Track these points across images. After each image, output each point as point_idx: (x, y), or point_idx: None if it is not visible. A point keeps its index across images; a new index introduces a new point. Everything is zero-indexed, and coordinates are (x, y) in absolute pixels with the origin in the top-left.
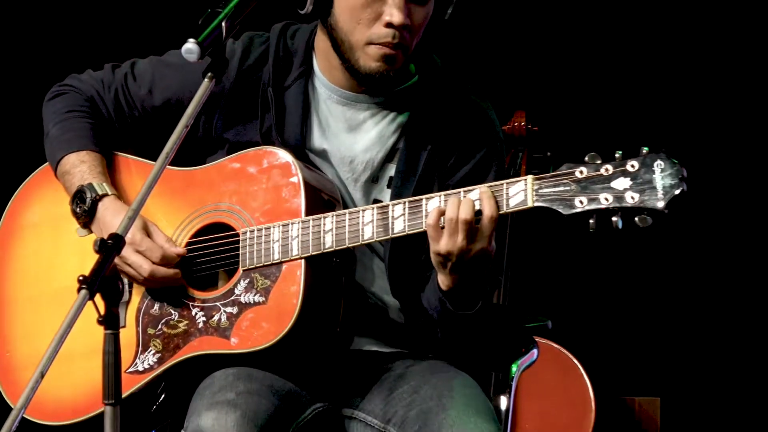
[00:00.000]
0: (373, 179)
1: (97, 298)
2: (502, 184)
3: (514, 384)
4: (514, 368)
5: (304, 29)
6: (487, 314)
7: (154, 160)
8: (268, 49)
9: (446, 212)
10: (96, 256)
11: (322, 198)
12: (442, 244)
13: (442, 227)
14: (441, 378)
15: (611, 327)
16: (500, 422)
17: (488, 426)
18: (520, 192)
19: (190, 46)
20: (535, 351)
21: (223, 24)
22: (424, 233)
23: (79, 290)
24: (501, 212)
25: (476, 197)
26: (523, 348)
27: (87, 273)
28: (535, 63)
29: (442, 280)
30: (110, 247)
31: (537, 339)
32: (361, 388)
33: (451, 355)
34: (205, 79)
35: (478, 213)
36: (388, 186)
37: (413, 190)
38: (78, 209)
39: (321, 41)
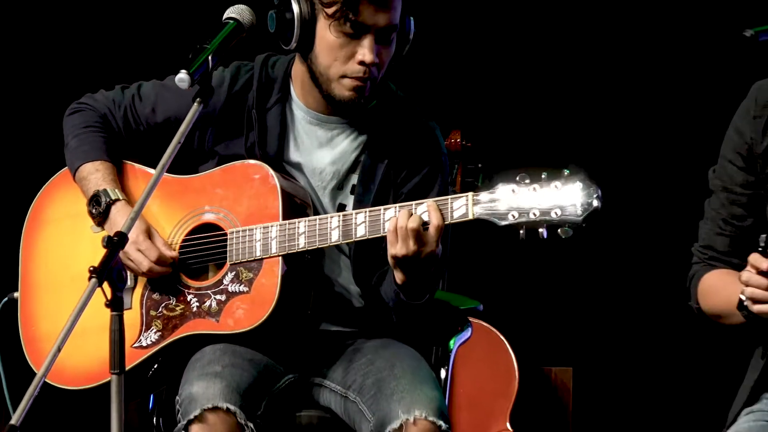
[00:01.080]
0: (339, 187)
1: (105, 285)
2: (447, 199)
3: (452, 357)
4: (451, 343)
5: (283, 60)
6: (432, 302)
7: (156, 167)
8: (253, 77)
9: (398, 222)
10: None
11: (296, 203)
12: (398, 248)
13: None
14: (392, 352)
15: (531, 309)
16: (441, 389)
17: (432, 392)
18: (462, 206)
19: (182, 76)
20: (469, 329)
21: (209, 58)
22: (381, 237)
23: (89, 279)
24: (446, 222)
25: (425, 209)
26: (459, 327)
27: (97, 264)
28: (470, 90)
29: (397, 276)
30: (115, 243)
31: (470, 319)
32: (326, 361)
33: (401, 333)
34: (195, 103)
35: (427, 223)
36: (351, 192)
37: (373, 196)
38: (94, 210)
39: (298, 71)
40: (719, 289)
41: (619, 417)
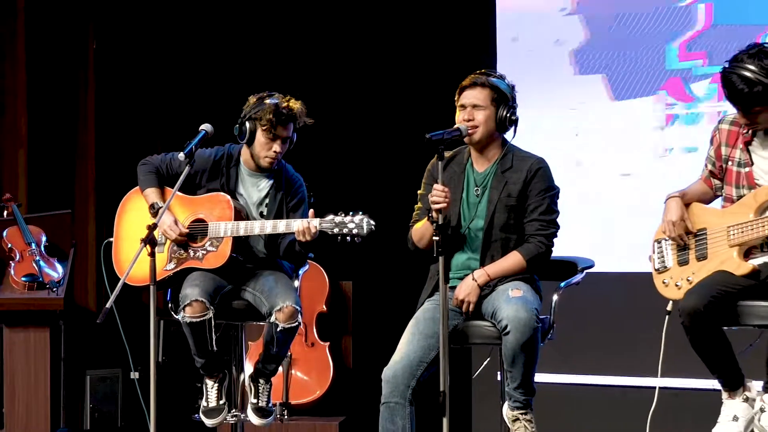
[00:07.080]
0: (260, 204)
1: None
2: (309, 220)
3: (300, 277)
4: (300, 272)
5: (237, 147)
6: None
7: (171, 187)
8: (224, 154)
9: (302, 226)
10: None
11: (240, 213)
12: (300, 237)
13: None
14: (277, 276)
15: (336, 259)
16: (297, 292)
17: (293, 294)
18: (316, 224)
19: (181, 155)
20: (307, 265)
21: (193, 147)
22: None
23: (145, 236)
24: (312, 231)
25: (312, 223)
26: (304, 264)
27: (151, 224)
28: (319, 169)
29: (300, 246)
30: (152, 227)
31: (309, 261)
32: (247, 279)
33: (281, 269)
34: (186, 166)
35: (305, 229)
36: (266, 207)
37: (275, 209)
38: (151, 210)
39: (245, 151)
40: (421, 224)
41: (381, 310)
